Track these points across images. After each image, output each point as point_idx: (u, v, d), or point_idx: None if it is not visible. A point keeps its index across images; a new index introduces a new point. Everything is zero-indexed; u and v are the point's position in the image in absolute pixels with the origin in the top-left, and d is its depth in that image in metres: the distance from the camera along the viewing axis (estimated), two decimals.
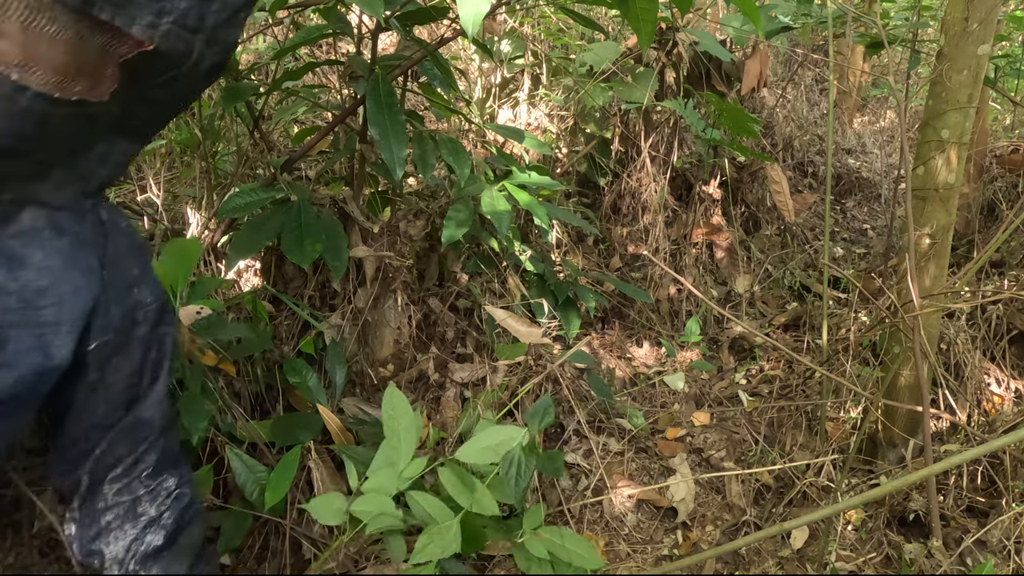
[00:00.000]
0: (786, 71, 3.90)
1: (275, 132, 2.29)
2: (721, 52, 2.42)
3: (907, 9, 3.29)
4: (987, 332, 2.02)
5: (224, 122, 2.11)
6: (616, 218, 2.73)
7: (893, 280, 1.91)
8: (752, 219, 3.08)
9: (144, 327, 0.82)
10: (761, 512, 1.66)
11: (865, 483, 1.69)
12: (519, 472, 1.08)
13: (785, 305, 2.74)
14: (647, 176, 2.61)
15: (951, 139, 1.60)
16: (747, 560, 1.52)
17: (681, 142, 2.74)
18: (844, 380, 1.50)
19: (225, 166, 2.23)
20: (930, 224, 1.66)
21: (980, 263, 1.57)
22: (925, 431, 1.39)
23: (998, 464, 1.58)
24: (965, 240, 2.60)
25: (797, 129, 3.58)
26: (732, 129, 2.32)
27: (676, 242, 2.74)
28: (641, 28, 1.29)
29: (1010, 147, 2.80)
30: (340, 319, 1.67)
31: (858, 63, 4.02)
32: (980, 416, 1.85)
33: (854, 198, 3.71)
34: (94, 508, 0.84)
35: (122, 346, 0.78)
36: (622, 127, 2.62)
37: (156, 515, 0.86)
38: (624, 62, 2.43)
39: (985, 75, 1.62)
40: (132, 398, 0.83)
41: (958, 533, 1.50)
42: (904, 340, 1.62)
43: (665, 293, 2.60)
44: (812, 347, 2.28)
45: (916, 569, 1.38)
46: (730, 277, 2.79)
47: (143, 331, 0.82)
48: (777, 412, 1.98)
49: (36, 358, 0.71)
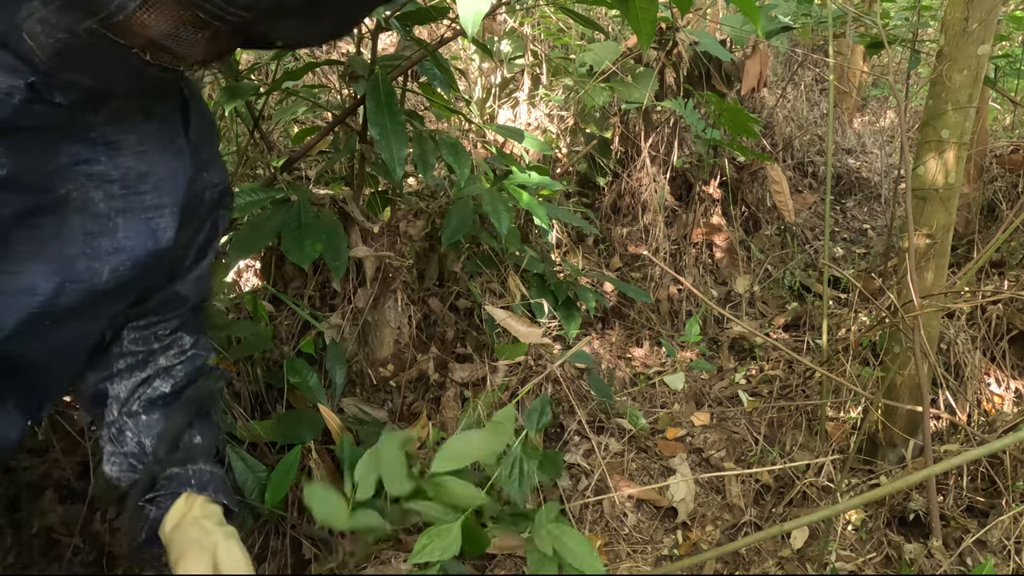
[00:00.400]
0: (786, 71, 3.90)
1: (275, 132, 2.29)
2: (721, 52, 2.42)
3: (907, 9, 3.29)
4: (987, 332, 2.02)
5: (224, 122, 2.11)
6: (616, 218, 2.73)
7: (893, 280, 1.91)
8: (752, 219, 3.08)
9: (205, 207, 0.83)
10: (761, 512, 1.66)
11: (865, 483, 1.69)
12: (521, 472, 1.08)
13: (785, 305, 2.74)
14: (647, 176, 2.62)
15: (951, 139, 1.60)
16: (747, 560, 1.53)
17: (681, 142, 2.75)
18: (844, 380, 1.50)
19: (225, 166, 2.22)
20: (930, 224, 1.66)
21: (980, 263, 1.57)
22: (925, 431, 1.39)
23: (998, 464, 1.58)
24: (965, 240, 2.60)
25: (797, 129, 3.58)
26: (732, 129, 2.32)
27: (676, 242, 2.74)
28: (641, 27, 1.29)
29: (1010, 147, 2.81)
30: (340, 319, 1.67)
31: (858, 63, 4.02)
32: (980, 416, 1.85)
33: (854, 198, 3.71)
34: (108, 354, 0.85)
35: (183, 223, 0.78)
36: (622, 127, 2.63)
37: (167, 365, 0.86)
38: (624, 62, 2.43)
39: (985, 75, 1.62)
40: (174, 273, 0.84)
41: (958, 533, 1.50)
42: (904, 340, 1.62)
43: (665, 293, 2.60)
44: (812, 347, 2.28)
45: (916, 569, 1.38)
46: (730, 277, 2.79)
47: (203, 211, 0.83)
48: (777, 412, 1.98)
49: (145, 241, 0.72)
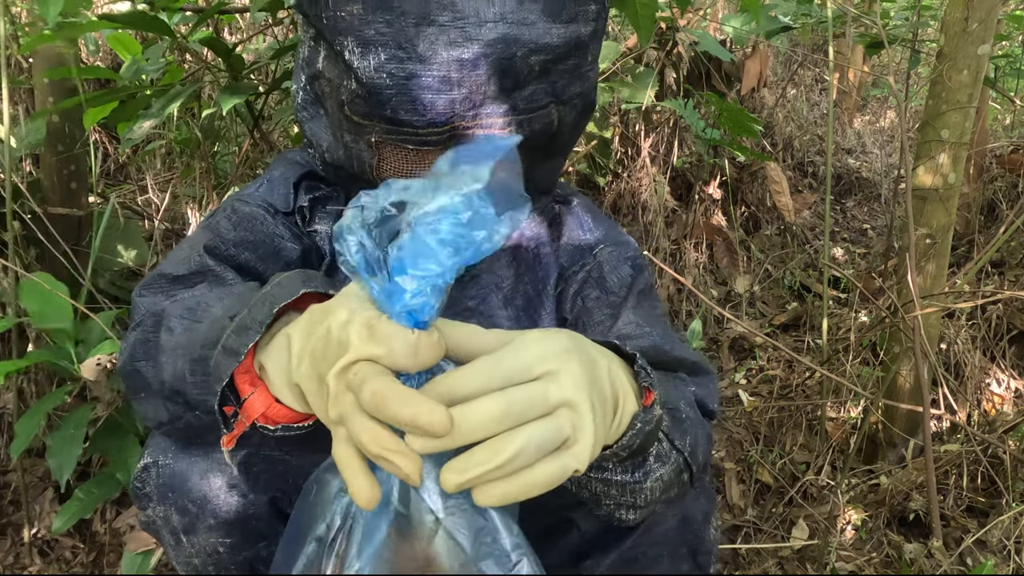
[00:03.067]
0: (786, 71, 3.90)
1: (275, 132, 2.29)
2: (721, 52, 2.42)
3: (907, 9, 3.29)
4: (987, 332, 2.02)
5: (224, 122, 2.11)
6: (616, 218, 2.73)
7: (893, 280, 1.91)
8: (752, 219, 3.08)
9: None
10: (761, 512, 1.66)
11: (865, 483, 1.69)
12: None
13: (785, 305, 2.74)
14: (647, 176, 2.61)
15: (951, 139, 1.60)
16: (747, 560, 1.52)
17: (681, 142, 2.74)
18: (844, 380, 1.50)
19: (225, 166, 2.23)
20: (930, 224, 1.66)
21: (980, 263, 1.57)
22: (925, 431, 1.39)
23: (998, 464, 1.58)
24: (965, 240, 2.60)
25: (797, 129, 3.58)
26: (732, 129, 2.32)
27: (676, 242, 2.74)
28: (640, 24, 1.29)
29: (1010, 147, 2.81)
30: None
31: (858, 63, 4.02)
32: (980, 416, 1.85)
33: (854, 198, 3.71)
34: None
35: None
36: (622, 127, 2.62)
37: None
38: (624, 62, 2.43)
39: (985, 75, 1.62)
40: None
41: (958, 533, 1.50)
42: (904, 340, 1.62)
43: (665, 293, 2.60)
44: (812, 347, 2.28)
45: (916, 569, 1.38)
46: (730, 277, 2.79)
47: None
48: (777, 412, 1.98)
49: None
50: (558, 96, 0.75)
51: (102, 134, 2.43)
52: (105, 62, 2.41)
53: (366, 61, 0.67)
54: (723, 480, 1.77)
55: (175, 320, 0.65)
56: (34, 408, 1.23)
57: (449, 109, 0.68)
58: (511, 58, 0.68)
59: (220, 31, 2.27)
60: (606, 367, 0.53)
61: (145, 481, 0.74)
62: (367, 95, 0.69)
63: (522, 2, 0.68)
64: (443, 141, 0.71)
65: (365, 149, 0.76)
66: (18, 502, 1.49)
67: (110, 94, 1.51)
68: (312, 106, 0.79)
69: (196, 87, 1.61)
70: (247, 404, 0.57)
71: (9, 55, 2.08)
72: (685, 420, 0.67)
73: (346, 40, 0.67)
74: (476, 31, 0.66)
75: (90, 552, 1.45)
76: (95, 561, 1.44)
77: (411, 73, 0.67)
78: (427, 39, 0.66)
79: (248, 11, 1.71)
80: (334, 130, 0.78)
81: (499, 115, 0.72)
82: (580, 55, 0.74)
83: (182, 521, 0.72)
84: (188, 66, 1.77)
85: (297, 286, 0.56)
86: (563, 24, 0.70)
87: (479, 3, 0.67)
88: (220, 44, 1.54)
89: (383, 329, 0.46)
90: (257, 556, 0.75)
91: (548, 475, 0.45)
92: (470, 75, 0.67)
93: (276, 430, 0.57)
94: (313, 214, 0.87)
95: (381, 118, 0.70)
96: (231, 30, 2.68)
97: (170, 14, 1.63)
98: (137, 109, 1.55)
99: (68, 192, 1.78)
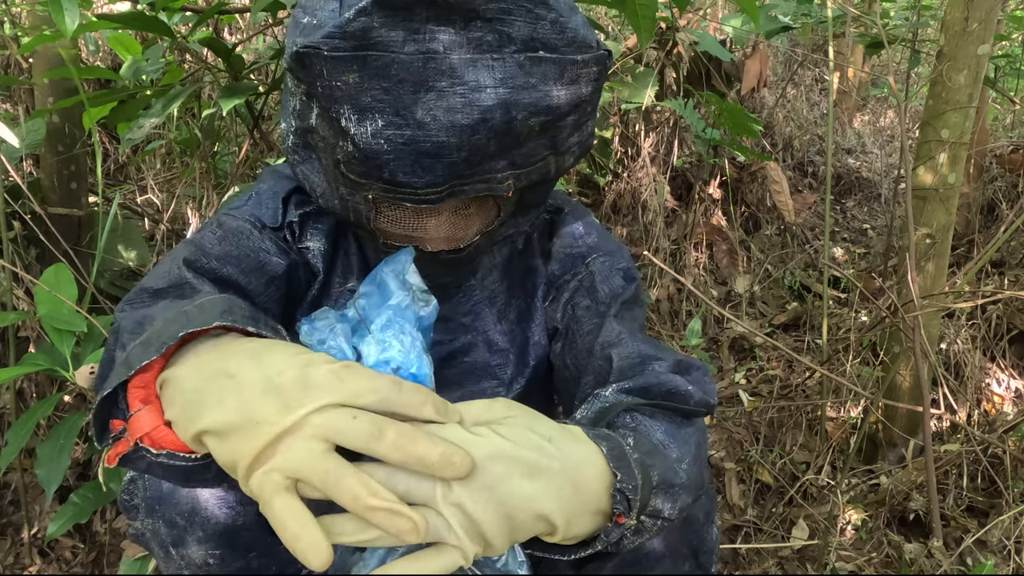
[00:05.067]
0: (786, 71, 3.90)
1: (275, 132, 2.29)
2: (721, 52, 2.42)
3: (907, 9, 3.29)
4: (987, 332, 2.02)
5: (224, 122, 2.11)
6: (616, 218, 2.73)
7: (893, 280, 1.91)
8: (752, 219, 3.08)
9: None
10: (761, 512, 1.66)
11: (865, 483, 1.69)
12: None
13: (785, 305, 2.74)
14: (647, 176, 2.61)
15: (951, 139, 1.60)
16: (747, 560, 1.52)
17: (681, 142, 2.74)
18: (844, 380, 1.50)
19: (225, 166, 2.23)
20: (930, 224, 1.66)
21: (980, 263, 1.57)
22: (925, 431, 1.39)
23: (998, 464, 1.59)
24: (965, 240, 2.60)
25: (797, 129, 3.58)
26: (732, 129, 2.32)
27: (676, 242, 2.74)
28: (640, 24, 1.29)
29: (1010, 147, 2.81)
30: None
31: (858, 63, 4.02)
32: (980, 416, 1.85)
33: (854, 198, 3.71)
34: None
35: None
36: (622, 127, 2.62)
37: None
38: (624, 62, 2.43)
39: (985, 75, 1.62)
40: None
41: (958, 533, 1.50)
42: (904, 340, 1.62)
43: (665, 293, 2.60)
44: (812, 347, 2.28)
45: (916, 569, 1.38)
46: (730, 277, 2.79)
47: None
48: (777, 412, 1.98)
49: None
50: (556, 148, 0.74)
51: (102, 134, 2.43)
52: (105, 62, 2.41)
53: (363, 128, 0.65)
54: (723, 480, 1.77)
55: (126, 336, 0.64)
56: (25, 417, 1.23)
57: (448, 171, 0.67)
58: (511, 121, 0.67)
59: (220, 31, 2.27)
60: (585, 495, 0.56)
61: (133, 494, 0.74)
62: (364, 158, 0.67)
63: (523, 66, 0.66)
64: (441, 199, 0.70)
65: (362, 203, 0.75)
66: (18, 502, 1.49)
67: (110, 94, 1.51)
68: (303, 150, 0.78)
69: (196, 87, 1.61)
70: (132, 420, 0.56)
71: (9, 55, 2.08)
72: (678, 485, 0.65)
73: (342, 108, 0.65)
74: (476, 96, 0.65)
75: (90, 552, 1.45)
76: (95, 561, 1.44)
77: (410, 139, 0.65)
78: (425, 105, 0.64)
79: (248, 11, 1.71)
80: (328, 179, 0.76)
81: (497, 171, 0.71)
82: (580, 112, 0.73)
83: (170, 534, 0.72)
84: (188, 66, 1.77)
85: (213, 316, 0.55)
86: (564, 86, 0.69)
87: (479, 69, 0.65)
88: (220, 44, 1.54)
89: (357, 368, 0.49)
90: (248, 567, 0.75)
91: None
92: (469, 140, 0.66)
93: (159, 455, 0.55)
94: (304, 229, 0.86)
95: (379, 179, 0.69)
96: (231, 30, 2.68)
97: (170, 14, 1.63)
98: (137, 109, 1.55)
99: (68, 192, 1.78)
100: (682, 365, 0.79)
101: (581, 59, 0.69)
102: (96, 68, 2.01)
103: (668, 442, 0.67)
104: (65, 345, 1.24)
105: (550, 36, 0.67)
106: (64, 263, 1.34)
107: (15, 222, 1.58)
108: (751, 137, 2.34)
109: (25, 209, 1.63)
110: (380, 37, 0.62)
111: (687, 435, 0.70)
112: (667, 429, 0.68)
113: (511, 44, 0.66)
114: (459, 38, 0.64)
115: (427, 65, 0.63)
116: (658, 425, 0.67)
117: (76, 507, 1.26)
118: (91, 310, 1.36)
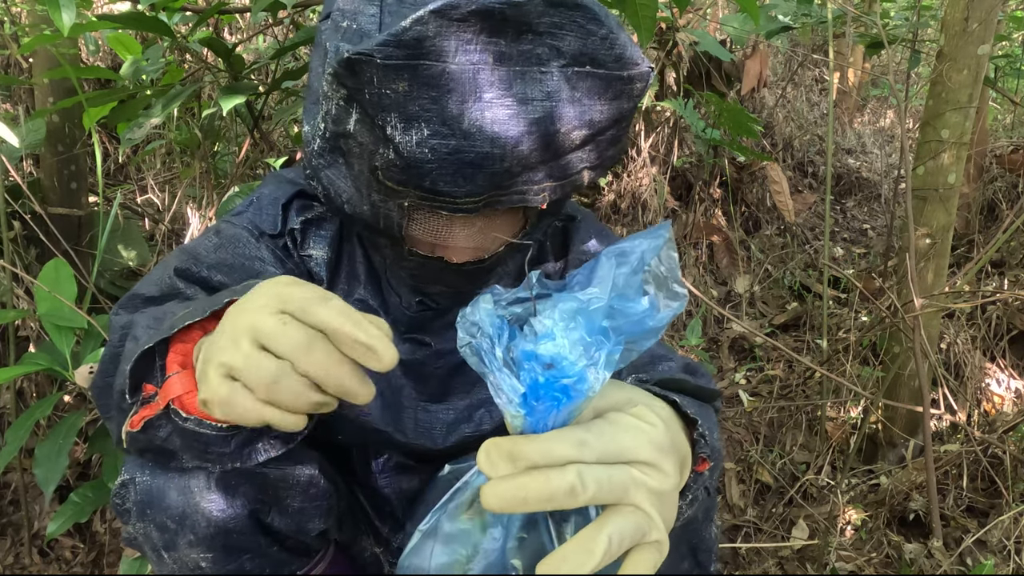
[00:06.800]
0: (786, 71, 3.90)
1: (275, 132, 2.30)
2: (721, 52, 2.42)
3: (907, 9, 3.29)
4: (987, 332, 2.02)
5: (224, 122, 2.11)
6: (616, 218, 2.73)
7: (893, 280, 1.91)
8: (752, 219, 3.08)
9: None
10: (761, 512, 1.66)
11: (865, 483, 1.69)
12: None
13: (785, 305, 2.74)
14: (647, 176, 2.61)
15: (951, 139, 1.60)
16: (747, 560, 1.52)
17: (681, 142, 2.75)
18: (844, 380, 1.50)
19: (225, 166, 2.23)
20: (930, 224, 1.66)
21: (980, 263, 1.57)
22: (925, 431, 1.39)
23: (998, 464, 1.58)
24: (965, 240, 2.60)
25: (797, 129, 3.58)
26: (732, 129, 2.32)
27: (676, 242, 2.74)
28: (641, 24, 1.29)
29: (1010, 147, 2.81)
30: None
31: (858, 63, 4.02)
32: (980, 416, 1.85)
33: (854, 198, 3.71)
34: None
35: None
36: None
37: None
38: None
39: (985, 75, 1.62)
40: None
41: (958, 533, 1.50)
42: (904, 340, 1.62)
43: None
44: (812, 347, 2.28)
45: (916, 569, 1.38)
46: (730, 277, 2.79)
47: None
48: (777, 412, 1.98)
49: None
50: (593, 161, 0.75)
51: (102, 134, 2.43)
52: (105, 62, 2.42)
53: (408, 136, 0.65)
54: (723, 480, 1.77)
55: (141, 329, 0.65)
56: (24, 416, 1.23)
57: (489, 181, 0.68)
58: (555, 134, 0.68)
59: (220, 31, 2.28)
60: (685, 455, 0.55)
61: (124, 498, 0.74)
62: (406, 166, 0.67)
63: (569, 80, 0.67)
64: (478, 208, 0.71)
65: (395, 210, 0.75)
66: (18, 502, 1.49)
67: (110, 94, 1.51)
68: (331, 154, 0.77)
69: (196, 87, 1.61)
70: (167, 383, 0.58)
71: (9, 55, 2.08)
72: (720, 456, 0.67)
73: (389, 116, 0.65)
74: (522, 108, 0.66)
75: (90, 552, 1.45)
76: (95, 561, 1.44)
77: (454, 149, 0.65)
78: (472, 116, 0.65)
79: (248, 11, 1.71)
80: (358, 186, 0.76)
81: (535, 182, 0.72)
82: (619, 127, 0.74)
83: (162, 538, 0.72)
84: (188, 66, 1.77)
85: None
86: (608, 102, 0.70)
87: (526, 82, 0.66)
88: (220, 44, 1.54)
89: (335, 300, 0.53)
90: (241, 568, 0.75)
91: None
92: (513, 151, 0.66)
93: (188, 420, 0.58)
94: (306, 237, 0.86)
95: (418, 187, 0.69)
96: (231, 30, 2.68)
97: (170, 14, 1.63)
98: (137, 109, 1.55)
99: (68, 192, 1.78)
100: (690, 368, 0.80)
101: (626, 75, 0.69)
102: (96, 68, 2.01)
103: (700, 413, 0.68)
104: (65, 343, 1.24)
105: (599, 52, 0.68)
106: (64, 261, 1.34)
107: (15, 222, 1.58)
108: (751, 137, 2.35)
109: (25, 209, 1.63)
110: (433, 47, 0.62)
111: (710, 412, 0.71)
112: (694, 404, 0.69)
113: (560, 58, 0.66)
114: (509, 50, 0.65)
115: (476, 76, 0.64)
116: (686, 400, 0.67)
117: (76, 507, 1.26)
118: (91, 310, 1.36)
